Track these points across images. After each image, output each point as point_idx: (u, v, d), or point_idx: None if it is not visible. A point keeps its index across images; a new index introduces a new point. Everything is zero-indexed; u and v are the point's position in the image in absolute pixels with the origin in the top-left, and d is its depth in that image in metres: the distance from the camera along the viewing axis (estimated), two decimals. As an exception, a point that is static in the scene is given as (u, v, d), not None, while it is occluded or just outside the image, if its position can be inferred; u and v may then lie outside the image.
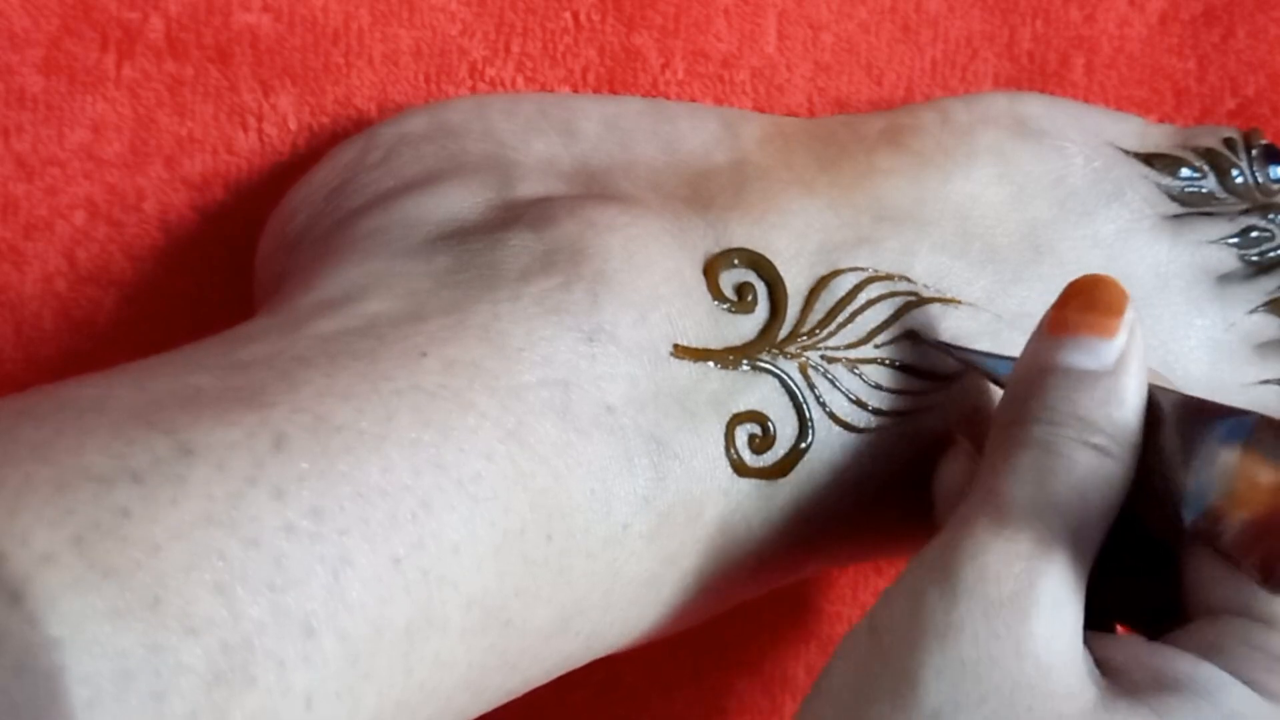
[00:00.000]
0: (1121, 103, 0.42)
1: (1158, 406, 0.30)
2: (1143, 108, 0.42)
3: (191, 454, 0.25)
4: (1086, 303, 0.31)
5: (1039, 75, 0.41)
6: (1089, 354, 0.30)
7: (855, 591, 0.42)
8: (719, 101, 0.39)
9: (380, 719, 0.26)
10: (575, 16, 0.39)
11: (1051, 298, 0.35)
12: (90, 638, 0.23)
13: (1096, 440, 0.29)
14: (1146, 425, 0.30)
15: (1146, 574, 0.32)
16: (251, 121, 0.38)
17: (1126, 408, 0.30)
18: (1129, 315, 0.31)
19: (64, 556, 0.23)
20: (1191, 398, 0.30)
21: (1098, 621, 0.29)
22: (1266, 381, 0.37)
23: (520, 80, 0.39)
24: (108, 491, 0.24)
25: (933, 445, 0.34)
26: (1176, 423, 0.30)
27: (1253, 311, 0.37)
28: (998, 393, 0.33)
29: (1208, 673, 0.27)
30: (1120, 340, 0.30)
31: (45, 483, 0.24)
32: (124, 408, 0.26)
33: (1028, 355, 0.31)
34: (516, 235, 0.32)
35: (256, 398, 0.26)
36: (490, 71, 0.38)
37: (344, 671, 0.25)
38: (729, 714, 0.42)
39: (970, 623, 0.27)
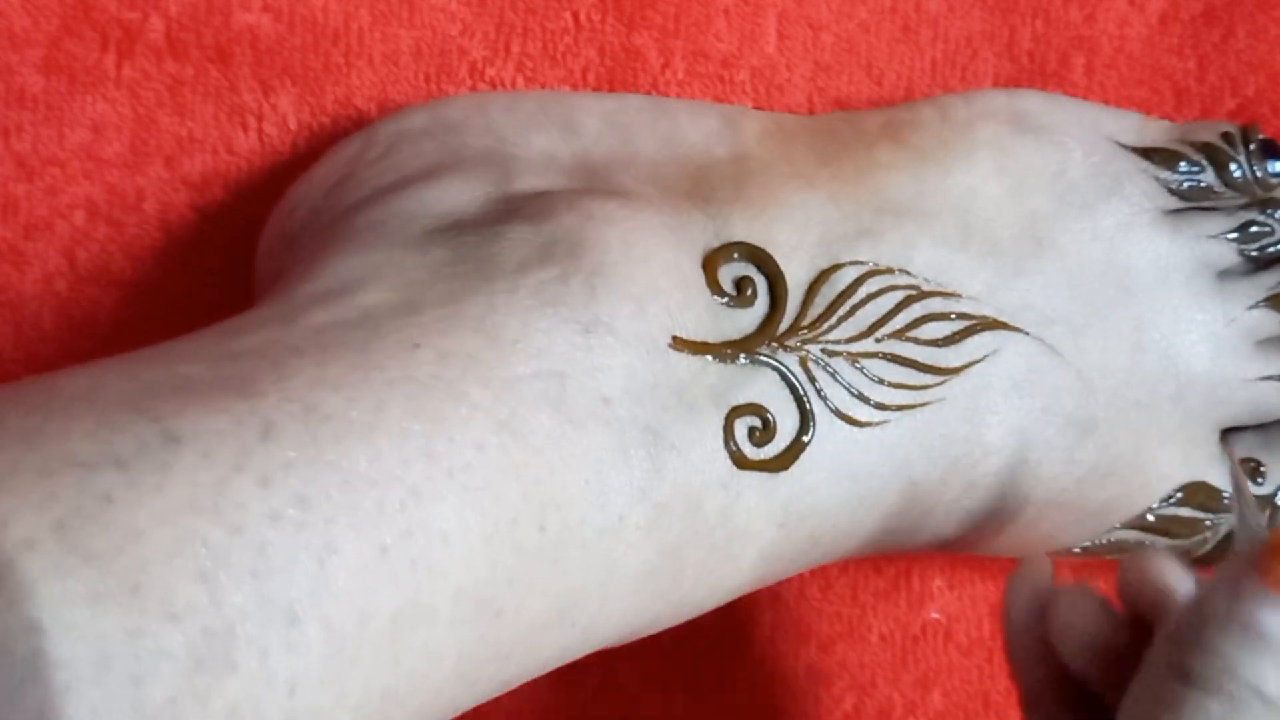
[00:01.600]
0: (1122, 102, 0.42)
1: None
2: (1143, 108, 0.42)
3: (178, 441, 0.25)
4: None
5: (1039, 75, 0.41)
6: None
7: (855, 591, 0.42)
8: (719, 101, 0.40)
9: (367, 707, 0.26)
10: (575, 16, 0.39)
11: (1051, 291, 0.35)
12: (69, 622, 0.22)
13: None
14: None
15: None
16: (251, 121, 0.38)
17: None
18: None
19: (45, 541, 0.23)
20: None
21: None
22: (1267, 378, 0.37)
23: (520, 80, 0.39)
24: (91, 477, 0.24)
25: (935, 440, 0.34)
26: None
27: (1253, 307, 0.37)
28: None
29: None
30: None
31: (30, 468, 0.24)
32: (113, 395, 0.26)
33: (1224, 597, 0.27)
34: (514, 228, 0.32)
35: (247, 386, 0.26)
36: (490, 71, 0.38)
37: (329, 659, 0.25)
38: (728, 714, 0.42)
39: None
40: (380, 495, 0.26)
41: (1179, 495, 0.37)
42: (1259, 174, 0.38)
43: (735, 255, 0.33)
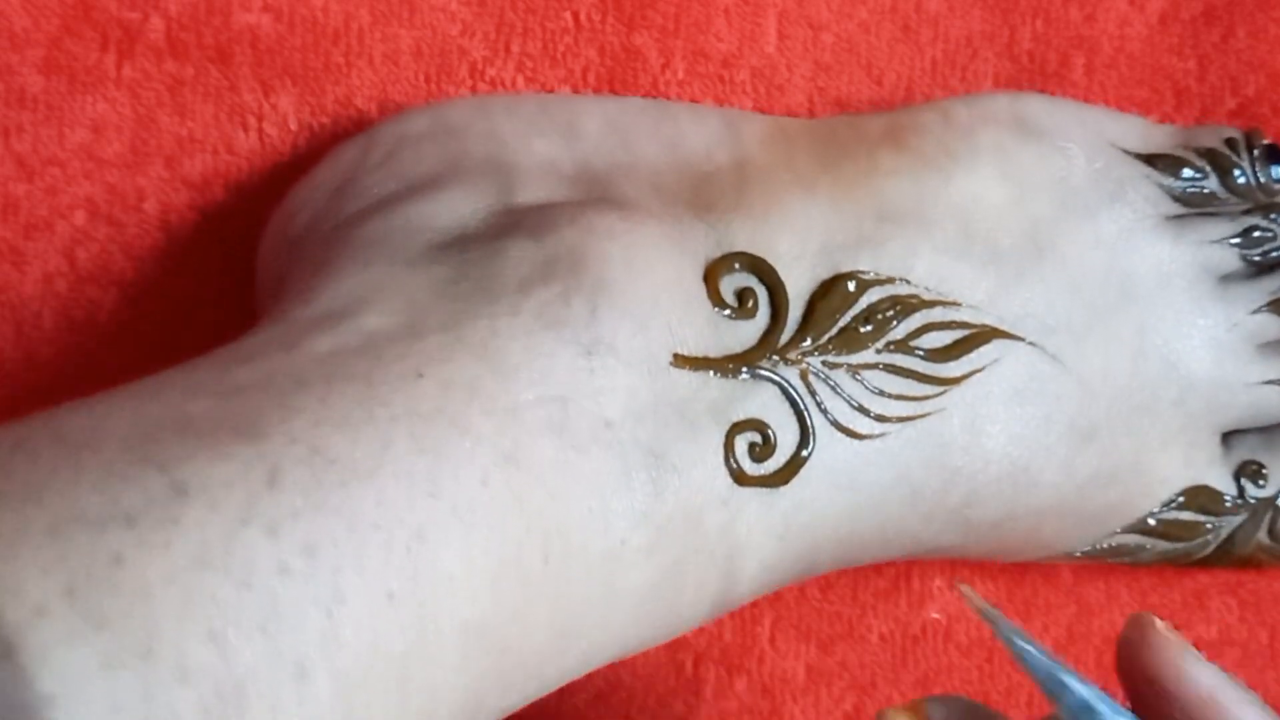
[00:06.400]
0: (1122, 103, 0.42)
1: None
2: (1143, 108, 0.42)
3: (185, 493, 0.25)
4: None
5: (1039, 75, 0.41)
6: None
7: (855, 591, 0.42)
8: (719, 101, 0.39)
9: None
10: (575, 16, 0.39)
11: (1053, 298, 0.35)
12: (82, 692, 0.22)
13: None
14: None
15: None
16: (251, 121, 0.38)
17: None
18: None
19: (56, 608, 0.23)
20: None
21: None
22: (1269, 382, 0.37)
23: (520, 80, 0.38)
24: (100, 535, 0.24)
25: (936, 449, 0.34)
26: None
27: (1255, 311, 0.37)
28: None
29: None
30: None
31: (38, 528, 0.24)
32: (119, 440, 0.25)
33: None
34: (516, 244, 0.31)
35: (252, 427, 0.26)
36: (490, 71, 0.38)
37: (337, 709, 0.25)
38: (729, 715, 0.42)
39: None
40: (386, 540, 0.26)
41: (1180, 499, 0.37)
42: (1262, 179, 0.38)
43: (736, 266, 0.33)
